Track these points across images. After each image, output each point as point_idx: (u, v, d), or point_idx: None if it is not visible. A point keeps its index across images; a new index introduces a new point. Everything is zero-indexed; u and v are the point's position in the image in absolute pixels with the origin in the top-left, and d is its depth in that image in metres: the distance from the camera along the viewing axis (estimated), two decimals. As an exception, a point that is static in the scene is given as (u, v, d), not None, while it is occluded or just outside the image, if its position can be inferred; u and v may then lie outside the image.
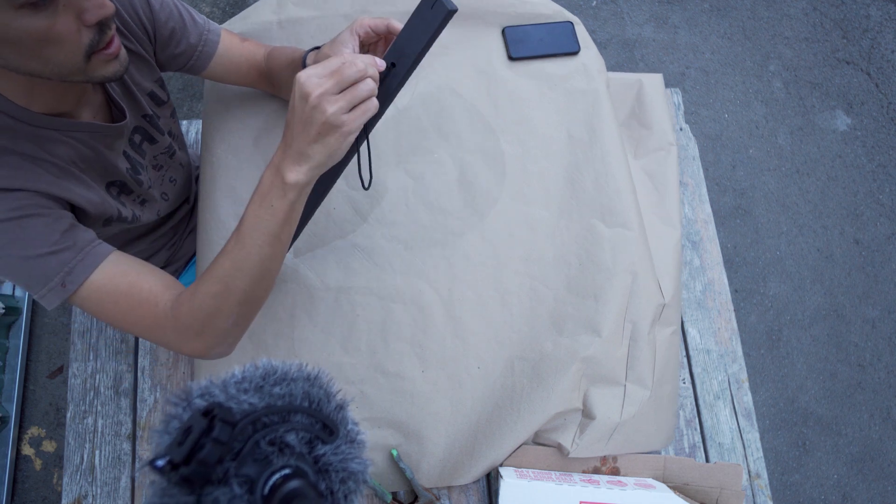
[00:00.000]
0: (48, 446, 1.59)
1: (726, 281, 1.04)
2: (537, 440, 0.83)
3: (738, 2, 2.14)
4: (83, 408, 0.95)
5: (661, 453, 0.90)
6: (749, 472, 0.94)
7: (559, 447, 0.81)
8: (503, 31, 0.98)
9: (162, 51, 0.76)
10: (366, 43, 0.66)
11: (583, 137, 0.92)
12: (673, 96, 1.16)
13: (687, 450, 0.93)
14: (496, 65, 0.96)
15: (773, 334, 1.81)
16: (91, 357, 0.98)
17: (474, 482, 0.83)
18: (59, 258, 0.58)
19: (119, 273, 0.61)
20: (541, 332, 0.84)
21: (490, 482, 0.85)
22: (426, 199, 0.89)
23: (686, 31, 2.10)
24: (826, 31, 2.12)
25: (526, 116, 0.94)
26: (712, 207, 1.10)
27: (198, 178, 1.05)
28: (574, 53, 0.97)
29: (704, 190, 1.10)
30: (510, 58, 0.97)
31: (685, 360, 0.99)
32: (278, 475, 0.33)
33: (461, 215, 0.88)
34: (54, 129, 0.61)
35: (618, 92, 1.02)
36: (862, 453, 1.72)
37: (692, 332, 1.01)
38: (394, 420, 0.80)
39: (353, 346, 0.82)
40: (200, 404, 0.36)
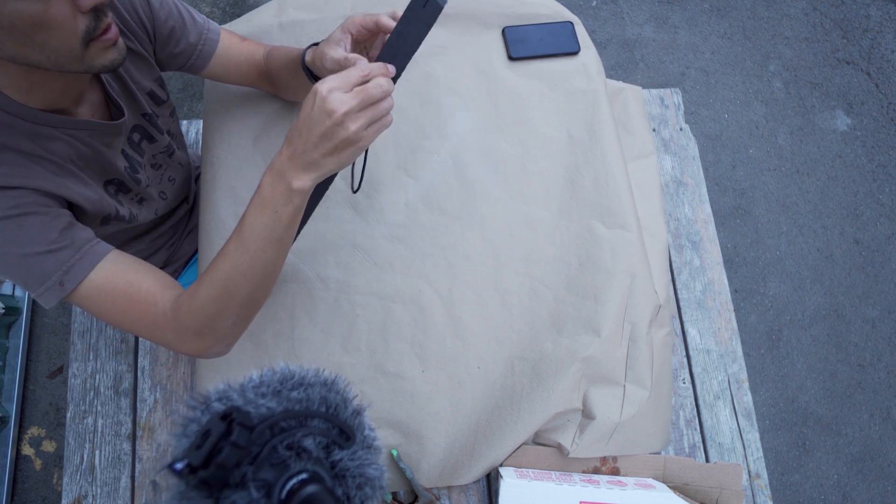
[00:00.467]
0: (48, 446, 1.59)
1: (726, 281, 1.04)
2: (537, 440, 0.83)
3: (738, 2, 2.14)
4: (83, 408, 0.95)
5: (661, 453, 0.90)
6: (749, 472, 0.94)
7: (559, 447, 0.81)
8: (503, 31, 0.98)
9: (161, 49, 0.76)
10: (358, 40, 0.66)
11: (583, 138, 0.93)
12: (673, 96, 1.16)
13: (687, 450, 0.93)
14: (496, 65, 0.96)
15: (773, 334, 1.81)
16: (91, 357, 0.98)
17: (474, 482, 0.83)
18: (58, 257, 0.58)
19: (117, 272, 0.61)
20: (541, 332, 0.84)
21: (490, 482, 0.85)
22: (426, 199, 0.89)
23: (686, 31, 2.10)
24: (826, 31, 2.12)
25: (526, 116, 0.94)
26: (712, 207, 1.10)
27: (198, 178, 1.05)
28: (574, 53, 0.97)
29: (704, 190, 1.10)
30: (510, 58, 0.97)
31: (685, 360, 0.99)
32: (295, 480, 0.33)
33: (461, 215, 0.88)
34: (52, 127, 0.61)
35: (608, 95, 1.03)
36: (862, 453, 1.72)
37: (692, 332, 1.01)
38: (394, 420, 0.80)
39: (353, 346, 0.82)
40: (218, 408, 0.36)
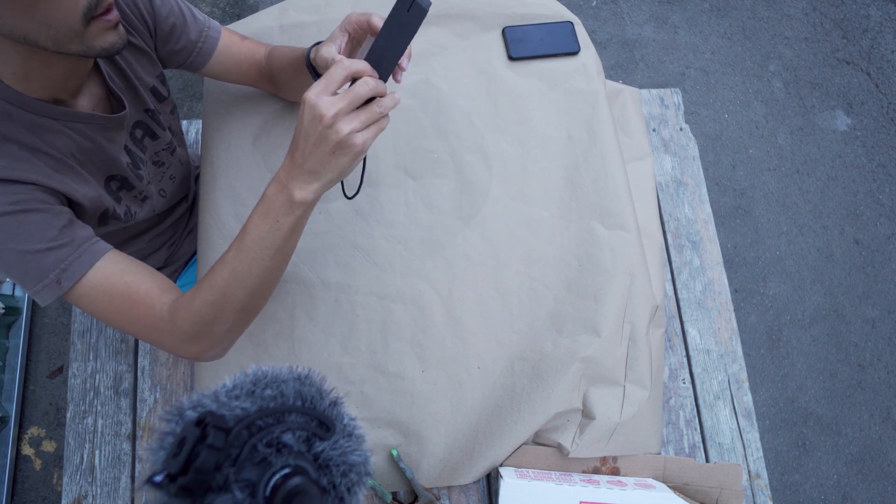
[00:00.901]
0: (48, 446, 1.59)
1: (726, 281, 1.04)
2: (537, 440, 0.83)
3: (738, 2, 2.14)
4: (83, 408, 0.95)
5: (662, 453, 0.90)
6: (749, 472, 0.94)
7: (559, 447, 0.81)
8: (503, 32, 0.98)
9: (162, 46, 0.76)
10: (356, 39, 0.66)
11: (582, 138, 0.93)
12: (673, 96, 1.16)
13: (687, 450, 0.93)
14: (496, 65, 0.96)
15: (773, 334, 1.81)
16: (91, 357, 0.98)
17: (474, 482, 0.83)
18: (56, 254, 0.58)
19: (116, 272, 0.61)
20: (541, 333, 0.84)
21: (490, 482, 0.85)
22: (426, 199, 0.89)
23: (686, 31, 2.10)
24: (826, 31, 2.12)
25: (526, 116, 0.94)
26: (712, 207, 1.10)
27: (197, 178, 1.05)
28: (574, 53, 0.97)
29: (704, 190, 1.10)
30: (510, 58, 0.97)
31: (685, 360, 0.99)
32: (278, 475, 0.33)
33: (461, 215, 0.88)
34: (53, 118, 0.61)
35: (607, 96, 1.03)
36: (862, 453, 1.72)
37: (692, 332, 1.01)
38: (394, 420, 0.80)
39: (353, 346, 0.82)
40: (192, 416, 0.36)
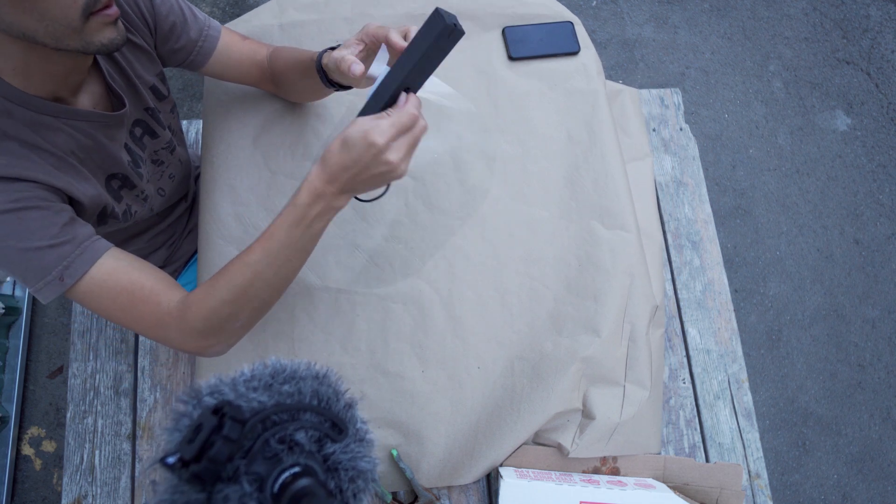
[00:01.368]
0: (48, 446, 1.59)
1: (726, 281, 1.04)
2: (537, 440, 0.83)
3: (738, 2, 2.14)
4: (83, 408, 0.95)
5: (661, 453, 0.90)
6: (749, 472, 0.94)
7: (559, 447, 0.81)
8: (503, 32, 0.98)
9: (162, 45, 0.76)
10: (371, 49, 0.66)
11: (582, 138, 0.93)
12: (673, 96, 1.16)
13: (687, 450, 0.93)
14: (496, 65, 0.96)
15: (773, 334, 1.81)
16: (91, 357, 0.98)
17: (474, 482, 0.83)
18: (58, 252, 0.58)
19: (119, 269, 0.61)
20: (541, 332, 0.84)
21: (490, 482, 0.85)
22: (426, 199, 0.89)
23: (686, 31, 2.10)
24: (826, 31, 2.12)
25: (526, 116, 0.94)
26: (712, 207, 1.10)
27: (197, 177, 1.05)
28: (574, 53, 0.97)
29: (704, 190, 1.10)
30: (510, 58, 0.97)
31: (685, 360, 0.99)
32: (288, 473, 0.33)
33: (461, 215, 0.88)
34: (53, 116, 0.61)
35: (607, 96, 1.03)
36: (862, 453, 1.72)
37: (692, 332, 1.01)
38: (394, 420, 0.80)
39: (353, 346, 0.82)
40: (210, 402, 0.36)
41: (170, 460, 0.32)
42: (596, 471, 0.84)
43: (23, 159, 0.58)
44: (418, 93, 0.60)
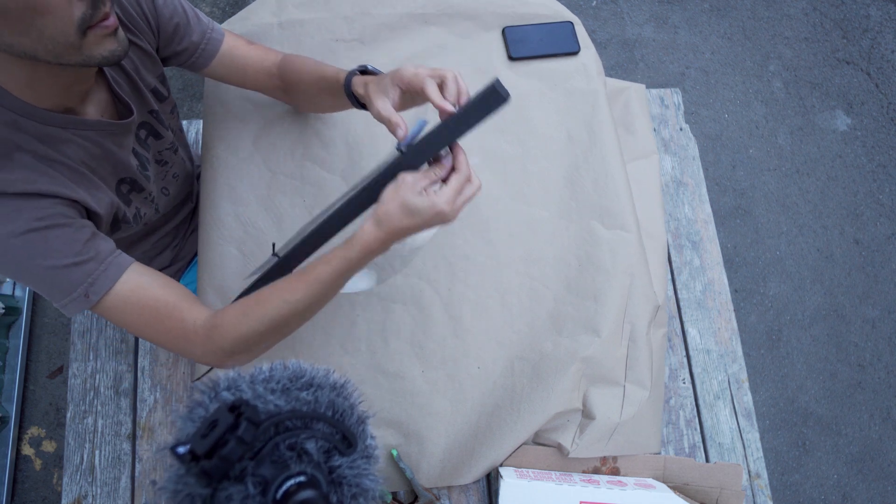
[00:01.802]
0: (48, 446, 1.59)
1: (726, 281, 1.04)
2: (537, 440, 0.83)
3: (738, 2, 2.14)
4: (83, 408, 0.95)
5: (662, 453, 0.90)
6: (749, 472, 0.94)
7: (559, 447, 0.81)
8: (503, 31, 0.98)
9: (165, 47, 0.76)
10: (407, 94, 0.65)
11: (582, 138, 0.93)
12: (673, 96, 1.16)
13: (687, 450, 0.93)
14: (496, 65, 0.96)
15: (773, 334, 1.81)
16: (91, 357, 0.98)
17: (474, 482, 0.83)
18: (83, 269, 0.59)
19: (142, 285, 0.63)
20: (541, 332, 0.84)
21: (490, 482, 0.85)
22: (426, 200, 0.89)
23: (686, 31, 2.10)
24: (826, 31, 2.12)
25: (526, 116, 0.94)
26: (712, 207, 1.10)
27: (199, 177, 1.05)
28: (574, 53, 0.97)
29: (704, 190, 1.10)
30: (510, 58, 0.97)
31: (685, 360, 0.99)
32: (293, 481, 0.33)
33: (461, 215, 0.88)
34: (62, 127, 0.61)
35: (608, 95, 1.03)
36: (862, 453, 1.72)
37: (692, 332, 1.01)
38: (394, 420, 0.80)
39: (353, 346, 0.82)
40: (227, 398, 0.36)
41: (181, 450, 0.32)
42: (596, 471, 0.84)
43: (40, 173, 0.58)
44: None
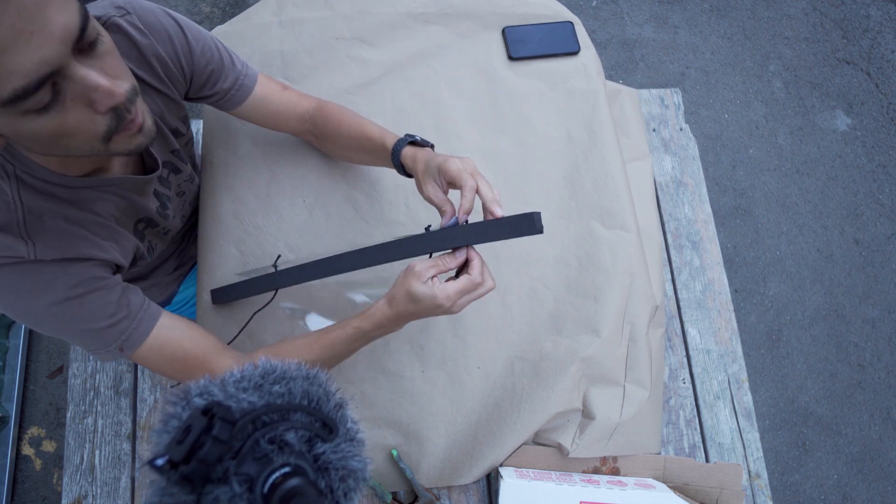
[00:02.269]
0: (48, 446, 1.59)
1: (726, 281, 1.04)
2: (537, 440, 0.83)
3: (738, 2, 2.14)
4: (83, 408, 0.95)
5: (662, 453, 0.90)
6: (749, 472, 0.94)
7: (559, 447, 0.81)
8: (503, 31, 0.98)
9: (195, 91, 0.75)
10: (451, 186, 0.65)
11: (582, 138, 0.93)
12: (673, 96, 1.16)
13: (687, 450, 0.93)
14: (496, 65, 0.96)
15: (773, 334, 1.81)
16: (91, 357, 0.98)
17: (474, 482, 0.83)
18: (118, 329, 0.62)
19: (173, 340, 0.66)
20: (541, 332, 0.84)
21: (490, 482, 0.85)
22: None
23: (686, 31, 2.10)
24: (826, 31, 2.12)
25: (526, 116, 0.94)
26: (712, 207, 1.10)
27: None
28: (574, 53, 0.97)
29: (704, 190, 1.10)
30: (510, 58, 0.97)
31: (685, 360, 0.99)
32: (278, 473, 0.33)
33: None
34: (90, 188, 0.62)
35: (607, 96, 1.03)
36: (862, 453, 1.72)
37: (692, 332, 1.01)
38: (394, 420, 0.80)
39: (353, 346, 0.82)
40: (199, 403, 0.36)
41: (158, 462, 0.32)
42: (596, 471, 0.84)
43: (72, 236, 0.59)
44: None
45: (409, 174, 0.71)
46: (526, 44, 0.97)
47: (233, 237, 0.87)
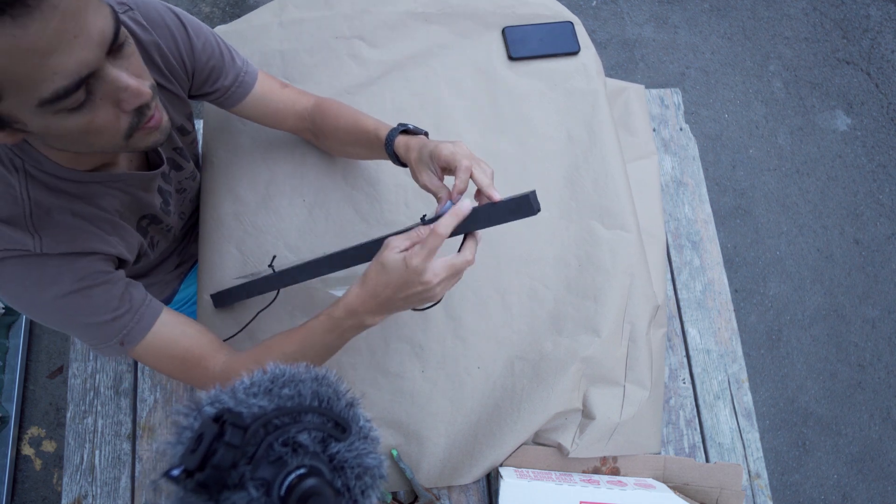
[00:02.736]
0: (48, 446, 1.59)
1: (726, 281, 1.04)
2: (537, 440, 0.83)
3: (738, 2, 2.14)
4: (83, 408, 0.95)
5: (662, 453, 0.90)
6: (749, 472, 0.94)
7: (559, 447, 0.81)
8: (503, 31, 0.98)
9: (198, 89, 0.76)
10: (446, 171, 0.64)
11: (582, 138, 0.93)
12: (673, 96, 1.16)
13: (687, 450, 0.93)
14: (496, 65, 0.96)
15: (773, 334, 1.81)
16: (91, 357, 0.98)
17: (474, 482, 0.83)
18: (120, 323, 0.62)
19: (172, 337, 0.66)
20: (541, 332, 0.84)
21: (490, 482, 0.85)
22: (426, 199, 0.88)
23: (686, 31, 2.10)
24: (826, 31, 2.12)
25: (526, 116, 0.94)
26: (712, 207, 1.10)
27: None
28: (574, 53, 0.97)
29: (704, 190, 1.10)
30: (510, 58, 0.97)
31: (685, 360, 0.99)
32: (294, 475, 0.33)
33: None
34: (98, 182, 0.62)
35: (608, 95, 1.03)
36: (862, 453, 1.72)
37: (692, 332, 1.01)
38: (394, 420, 0.80)
39: (353, 346, 0.82)
40: (210, 412, 0.36)
41: (174, 473, 0.32)
42: (596, 471, 0.84)
43: (78, 231, 0.60)
44: None
45: (404, 163, 0.70)
46: (526, 44, 0.97)
47: (233, 237, 0.87)
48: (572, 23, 0.98)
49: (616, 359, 0.83)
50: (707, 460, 0.92)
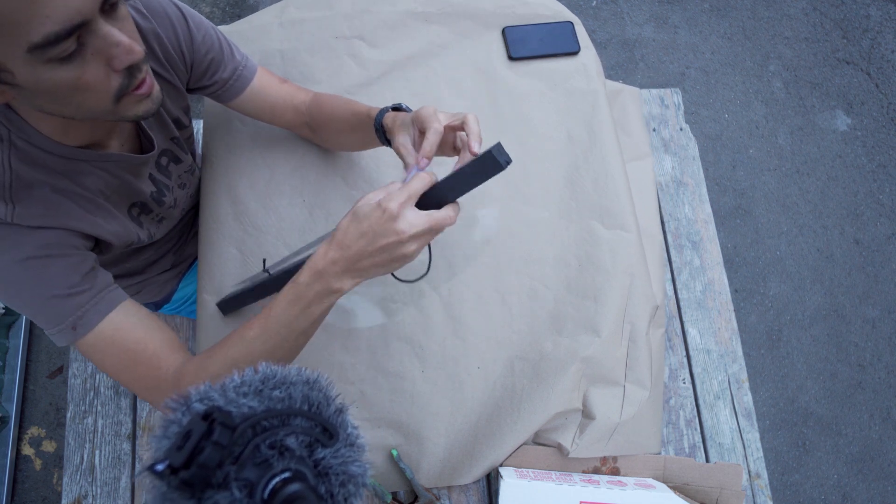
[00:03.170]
0: (48, 446, 1.59)
1: (726, 281, 1.04)
2: (537, 440, 0.83)
3: (738, 2, 2.14)
4: (83, 408, 0.95)
5: (662, 453, 0.90)
6: (749, 472, 0.94)
7: (559, 447, 0.81)
8: (503, 31, 0.98)
9: (196, 81, 0.75)
10: (422, 132, 0.62)
11: (582, 138, 0.93)
12: (673, 96, 1.16)
13: (687, 450, 0.93)
14: (496, 65, 0.96)
15: (773, 334, 1.81)
16: (91, 357, 0.98)
17: (474, 482, 0.83)
18: (76, 301, 0.58)
19: (128, 327, 0.62)
20: (541, 332, 0.84)
21: (490, 482, 0.85)
22: (426, 199, 0.89)
23: (686, 31, 2.10)
24: (826, 31, 2.12)
25: (526, 116, 0.94)
26: (712, 207, 1.10)
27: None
28: (574, 53, 0.97)
29: (704, 190, 1.10)
30: (510, 58, 0.97)
31: (685, 360, 0.99)
32: (278, 479, 0.33)
33: (461, 215, 0.88)
34: (85, 161, 0.62)
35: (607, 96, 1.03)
36: (862, 453, 1.72)
37: (692, 332, 1.01)
38: (394, 420, 0.80)
39: (353, 346, 0.82)
40: (199, 408, 0.36)
41: (158, 467, 0.32)
42: (596, 471, 0.84)
43: (55, 207, 0.58)
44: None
45: (389, 141, 0.68)
46: (526, 44, 0.97)
47: (233, 238, 0.87)
48: (572, 23, 0.98)
49: (616, 359, 0.83)
50: (707, 460, 0.92)
